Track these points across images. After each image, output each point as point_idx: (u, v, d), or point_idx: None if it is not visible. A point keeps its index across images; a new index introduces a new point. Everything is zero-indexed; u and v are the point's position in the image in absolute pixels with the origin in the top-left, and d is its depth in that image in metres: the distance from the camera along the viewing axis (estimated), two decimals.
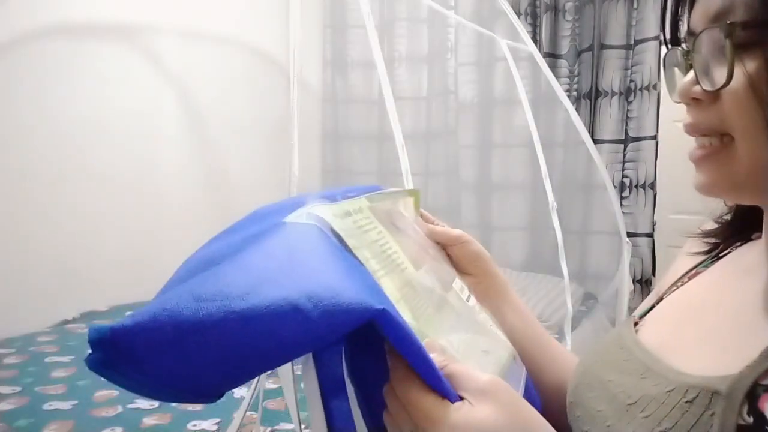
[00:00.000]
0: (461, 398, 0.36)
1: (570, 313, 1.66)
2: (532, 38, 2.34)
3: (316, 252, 0.36)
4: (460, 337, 0.45)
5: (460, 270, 0.59)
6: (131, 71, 2.26)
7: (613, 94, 2.55)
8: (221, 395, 0.32)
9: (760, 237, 0.46)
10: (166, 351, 0.29)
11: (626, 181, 2.55)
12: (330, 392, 0.38)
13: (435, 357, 0.37)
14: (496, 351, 0.49)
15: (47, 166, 2.01)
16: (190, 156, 2.49)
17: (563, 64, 2.62)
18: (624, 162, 2.55)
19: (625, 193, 2.55)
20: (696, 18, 0.41)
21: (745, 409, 0.35)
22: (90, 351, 0.30)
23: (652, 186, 2.48)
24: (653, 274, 2.52)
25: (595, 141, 2.45)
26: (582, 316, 2.21)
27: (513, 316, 0.60)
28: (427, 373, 0.35)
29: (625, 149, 2.54)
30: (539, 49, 2.47)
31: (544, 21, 2.60)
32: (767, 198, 0.38)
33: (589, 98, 2.61)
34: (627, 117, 2.53)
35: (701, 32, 0.39)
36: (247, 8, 2.66)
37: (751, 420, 0.34)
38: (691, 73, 0.41)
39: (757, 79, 0.36)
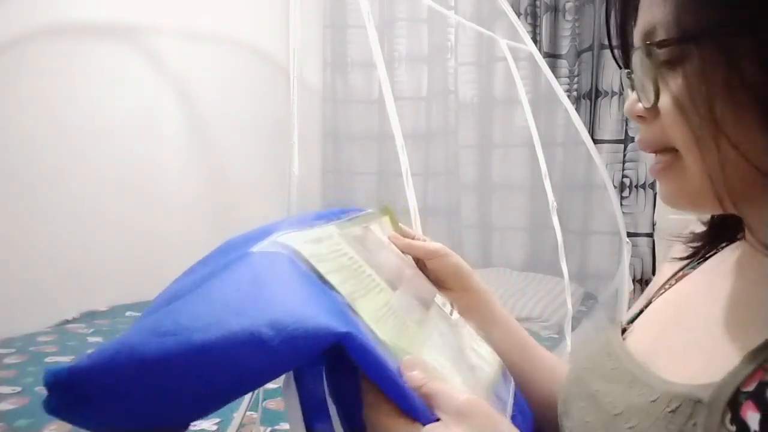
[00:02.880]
0: (439, 419, 0.35)
1: (570, 313, 1.66)
2: (532, 38, 2.34)
3: (282, 279, 0.35)
4: (445, 354, 0.44)
5: (440, 284, 0.58)
6: (131, 71, 2.26)
7: (613, 94, 2.55)
8: (188, 425, 0.32)
9: (744, 238, 0.46)
10: (127, 390, 0.29)
11: (626, 181, 2.55)
12: (312, 413, 0.37)
13: (416, 375, 0.36)
14: (483, 366, 0.49)
15: (47, 166, 2.01)
16: (190, 156, 2.49)
17: (563, 64, 2.62)
18: (624, 162, 2.55)
19: (625, 193, 2.55)
20: (635, 38, 0.42)
21: (728, 417, 0.34)
22: (48, 394, 0.29)
23: (652, 186, 2.48)
24: (653, 274, 2.52)
25: (595, 141, 2.45)
26: (582, 316, 2.21)
27: (497, 329, 0.59)
28: (396, 396, 0.35)
29: (625, 149, 2.54)
30: (539, 49, 2.47)
31: (544, 21, 2.60)
32: (730, 207, 0.38)
33: (589, 98, 2.61)
34: (627, 117, 2.53)
35: (634, 52, 0.41)
36: (247, 8, 2.66)
37: (734, 429, 0.34)
38: (635, 92, 0.42)
39: (680, 96, 0.37)
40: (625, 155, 2.54)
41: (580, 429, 0.45)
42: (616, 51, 0.47)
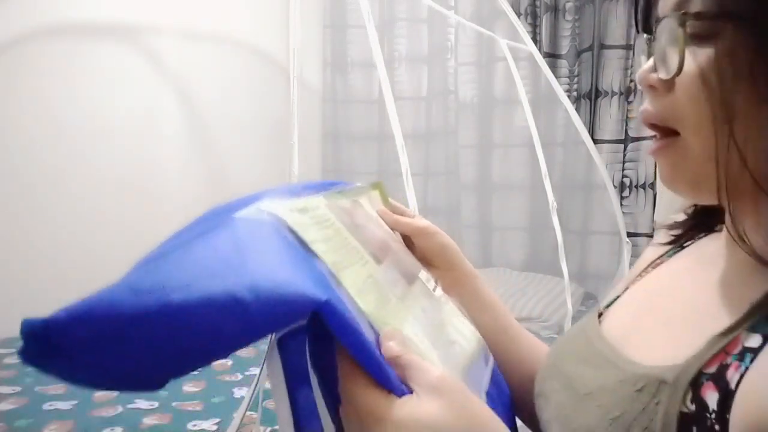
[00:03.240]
0: (412, 390, 0.35)
1: (570, 313, 1.66)
2: (532, 38, 2.34)
3: (263, 245, 0.35)
4: (425, 329, 0.44)
5: (427, 262, 0.58)
6: (131, 71, 2.26)
7: (613, 94, 2.55)
8: (164, 384, 0.31)
9: (722, 229, 0.47)
10: (103, 344, 0.29)
11: (626, 181, 2.55)
12: (295, 381, 0.37)
13: (393, 345, 0.36)
14: (462, 343, 0.49)
15: (47, 166, 2.01)
16: (190, 156, 2.49)
17: (563, 64, 2.62)
18: (624, 162, 2.55)
19: (625, 193, 2.55)
20: (662, 5, 0.42)
21: (689, 397, 0.36)
22: (23, 343, 0.29)
23: (652, 186, 2.48)
24: None
25: (595, 141, 2.45)
26: (582, 316, 2.20)
27: (481, 310, 0.59)
28: (370, 366, 0.34)
29: (625, 149, 2.54)
30: (539, 49, 2.47)
31: (544, 21, 2.60)
32: (723, 195, 0.38)
33: (589, 98, 2.61)
34: (627, 117, 2.53)
35: (661, 20, 0.40)
36: (247, 8, 2.66)
37: (693, 408, 0.35)
38: (651, 60, 0.41)
39: (708, 71, 0.37)
40: (625, 155, 2.54)
41: (553, 409, 0.47)
42: (640, 15, 0.46)
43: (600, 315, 0.53)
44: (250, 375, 1.60)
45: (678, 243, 0.53)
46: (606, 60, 2.54)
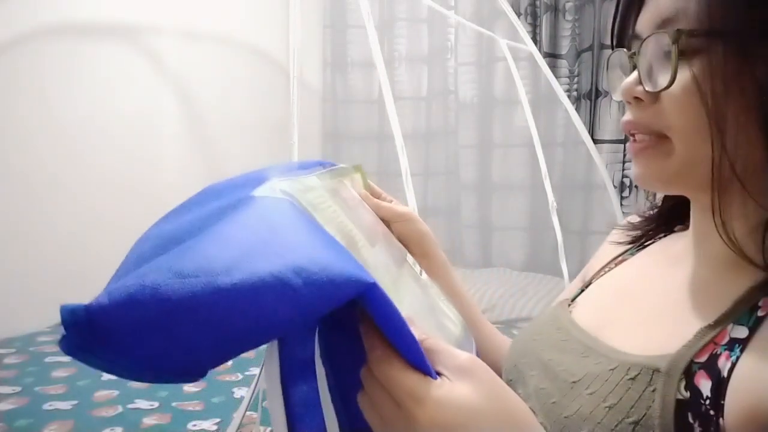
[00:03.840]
0: (439, 374, 0.35)
1: None
2: (532, 38, 2.34)
3: (295, 226, 0.34)
4: (419, 313, 0.44)
5: None
6: (131, 71, 2.26)
7: None
8: (205, 373, 0.31)
9: (683, 229, 0.51)
10: (149, 331, 0.28)
11: (626, 181, 2.55)
12: (292, 376, 0.36)
13: (415, 329, 0.36)
14: (450, 324, 0.50)
15: (47, 166, 2.01)
16: (190, 156, 2.49)
17: (563, 64, 2.62)
18: (624, 162, 2.55)
19: (625, 193, 2.55)
20: (643, 23, 0.44)
21: (683, 384, 0.38)
22: (64, 333, 0.27)
23: None
24: None
25: (595, 141, 2.45)
26: None
27: (453, 299, 0.60)
28: (410, 350, 0.34)
29: (625, 149, 2.54)
30: (539, 49, 2.47)
31: (544, 21, 2.60)
32: (696, 191, 0.41)
33: (589, 98, 2.61)
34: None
35: (648, 36, 0.42)
36: (247, 8, 2.66)
37: (688, 395, 0.38)
38: (635, 74, 0.43)
39: (701, 84, 0.39)
40: (625, 155, 2.54)
41: (536, 395, 0.48)
42: (616, 32, 0.48)
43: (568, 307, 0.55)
44: (250, 375, 1.60)
45: (639, 242, 0.56)
46: (606, 60, 2.54)
